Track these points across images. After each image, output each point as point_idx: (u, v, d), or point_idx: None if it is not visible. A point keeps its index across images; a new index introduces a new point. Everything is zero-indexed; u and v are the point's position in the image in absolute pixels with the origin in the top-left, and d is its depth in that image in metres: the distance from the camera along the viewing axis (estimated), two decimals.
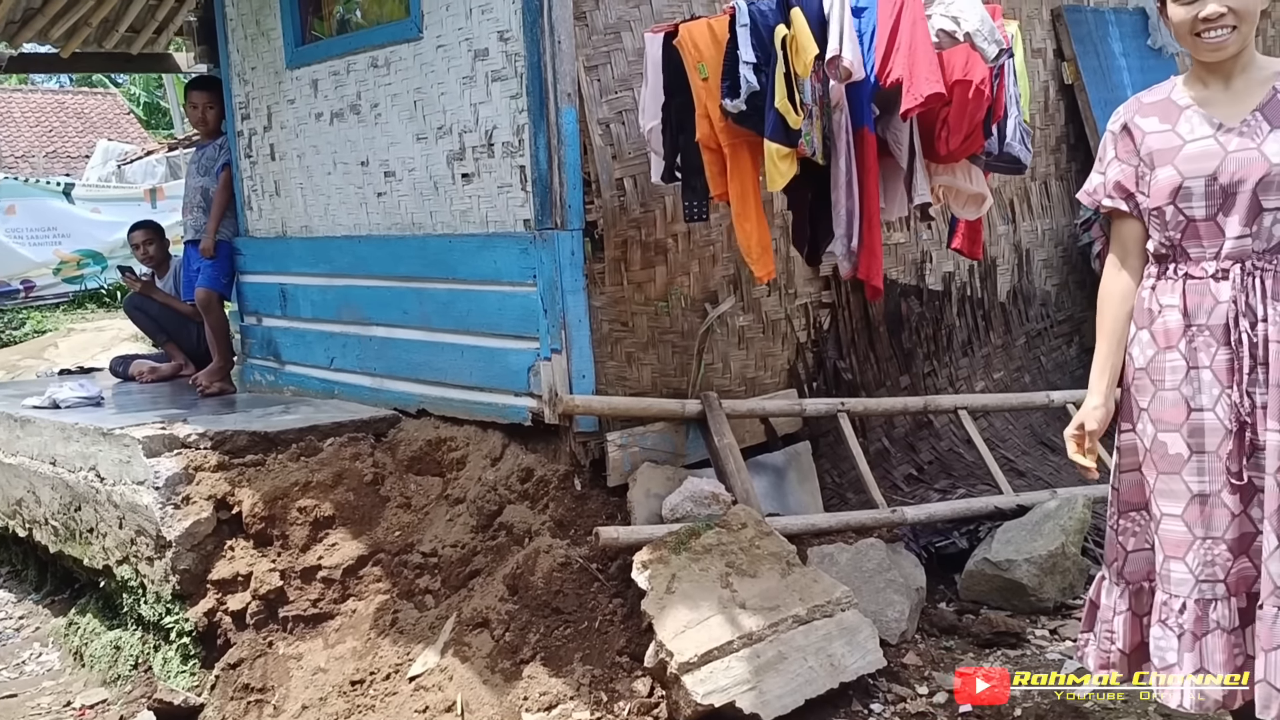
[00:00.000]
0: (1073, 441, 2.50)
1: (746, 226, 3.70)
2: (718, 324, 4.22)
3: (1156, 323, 2.38)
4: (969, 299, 5.21)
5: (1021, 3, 5.39)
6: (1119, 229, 2.48)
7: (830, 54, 3.49)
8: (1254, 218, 2.26)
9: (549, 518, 3.92)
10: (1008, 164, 3.94)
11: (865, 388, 4.76)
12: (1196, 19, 2.24)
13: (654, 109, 3.74)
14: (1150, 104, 2.41)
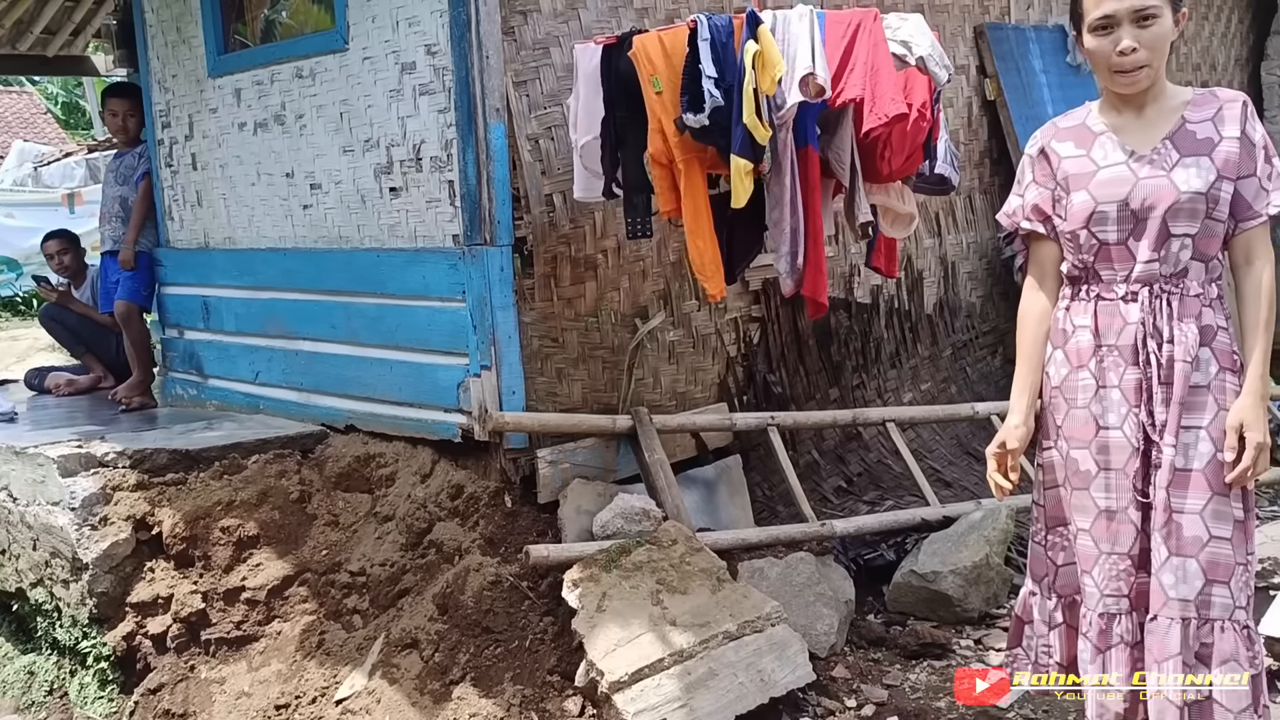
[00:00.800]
0: (994, 460, 2.55)
1: (699, 244, 3.67)
2: (648, 339, 4.22)
3: (1070, 342, 2.45)
4: (897, 312, 5.28)
5: (945, 20, 5.48)
6: (1036, 251, 2.54)
7: (804, 71, 3.52)
8: (1162, 243, 2.33)
9: (479, 535, 3.89)
10: (935, 185, 4.00)
11: (795, 401, 4.80)
12: (1112, 53, 2.30)
13: (589, 123, 3.71)
14: (1066, 129, 2.47)
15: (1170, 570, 2.32)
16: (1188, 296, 2.35)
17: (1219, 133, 2.32)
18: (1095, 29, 2.31)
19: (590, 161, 3.75)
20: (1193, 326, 2.34)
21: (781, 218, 3.69)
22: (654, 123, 3.57)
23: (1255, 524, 2.43)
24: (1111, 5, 2.28)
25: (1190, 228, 2.32)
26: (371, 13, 4.10)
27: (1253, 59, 7.63)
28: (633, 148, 3.72)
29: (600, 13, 4.09)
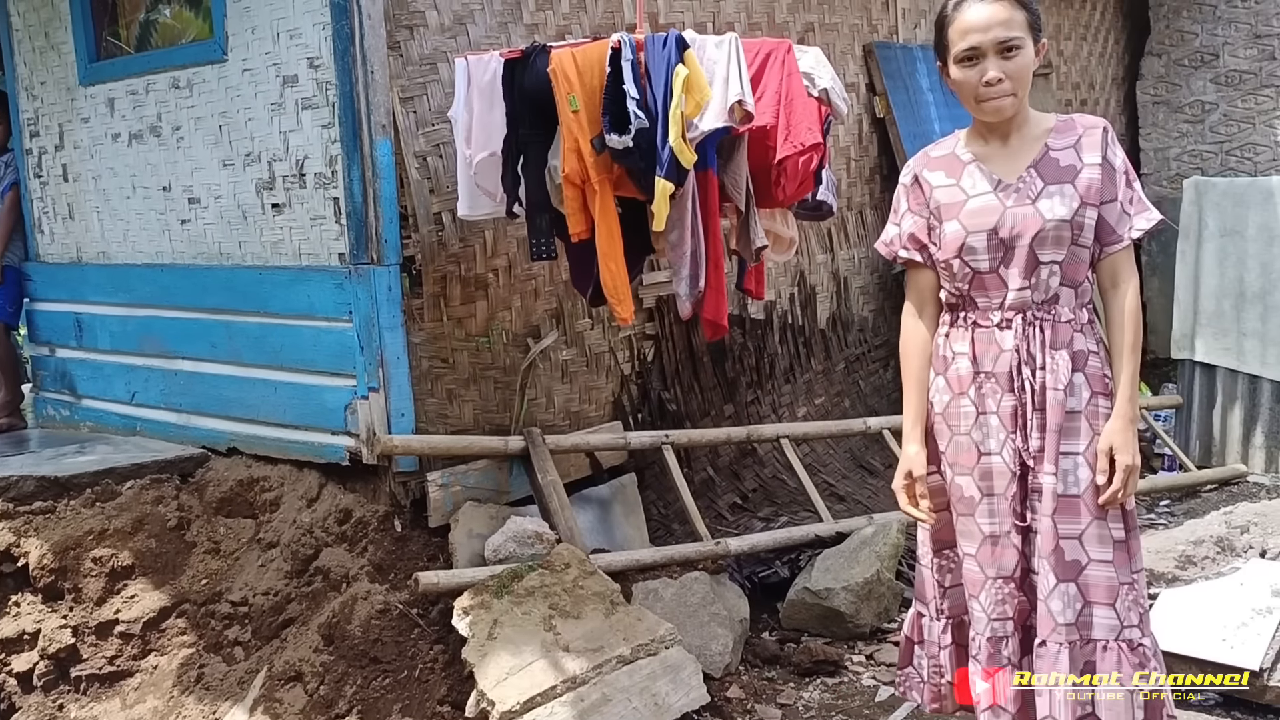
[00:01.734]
0: (903, 493, 2.56)
1: (612, 267, 3.60)
2: (540, 359, 4.17)
3: (950, 369, 2.48)
4: (790, 327, 5.32)
5: (835, 38, 5.55)
6: (914, 279, 2.57)
7: (734, 98, 3.51)
8: (1032, 271, 2.38)
9: (368, 561, 3.78)
10: (813, 210, 4.06)
11: (690, 418, 4.80)
12: (978, 84, 2.34)
13: (485, 138, 3.61)
14: (937, 158, 2.51)
15: (1058, 596, 2.36)
16: (1059, 323, 2.39)
17: (1081, 159, 2.38)
18: (961, 60, 2.35)
19: (486, 179, 3.66)
20: (1065, 354, 2.39)
21: (681, 240, 3.67)
22: (569, 141, 3.49)
23: (1139, 542, 2.48)
24: (976, 37, 2.32)
25: (1057, 255, 2.37)
26: (251, 23, 3.96)
27: (1128, 78, 7.90)
28: (535, 166, 3.63)
29: (489, 28, 4.02)
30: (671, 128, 3.42)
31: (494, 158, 3.62)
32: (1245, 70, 7.36)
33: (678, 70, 3.43)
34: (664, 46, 3.51)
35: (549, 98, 3.51)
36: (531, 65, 3.56)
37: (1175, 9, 7.60)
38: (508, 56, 3.60)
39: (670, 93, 3.42)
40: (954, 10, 2.38)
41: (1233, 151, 7.44)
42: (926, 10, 6.24)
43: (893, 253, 2.57)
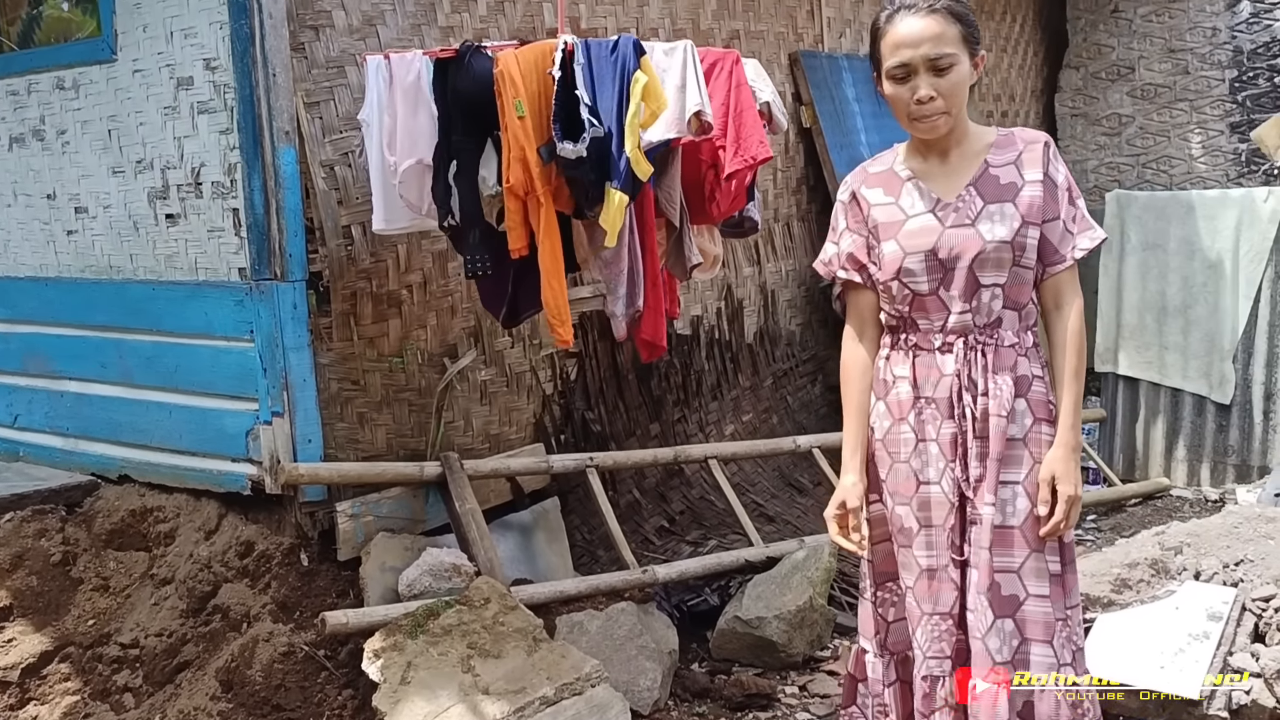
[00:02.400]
0: (834, 523, 2.42)
1: (555, 285, 3.39)
2: (458, 379, 3.95)
3: (891, 394, 2.37)
4: (717, 342, 5.18)
5: (761, 46, 5.43)
6: (854, 300, 2.44)
7: (693, 108, 3.35)
8: (973, 293, 2.27)
9: (271, 599, 3.53)
10: (736, 227, 3.94)
11: (615, 438, 4.62)
12: (910, 101, 2.22)
13: (410, 145, 3.35)
14: (875, 174, 2.39)
15: (995, 634, 2.26)
16: (1002, 347, 2.29)
17: (1022, 176, 2.27)
18: (892, 76, 2.24)
19: (410, 190, 3.39)
20: (1008, 379, 2.28)
21: (618, 257, 3.50)
22: (514, 150, 3.26)
23: (1075, 576, 2.38)
24: (907, 53, 2.21)
25: (999, 277, 2.26)
26: (142, 21, 3.68)
27: (1047, 91, 7.95)
28: (469, 175, 3.41)
29: (401, 30, 3.80)
30: (628, 137, 3.26)
31: (421, 166, 3.38)
32: (1160, 84, 7.45)
33: (636, 77, 3.27)
34: (613, 52, 3.35)
35: (485, 101, 3.30)
36: (466, 66, 3.34)
37: (1092, 23, 7.67)
38: (440, 56, 3.38)
39: (626, 100, 3.26)
40: (885, 23, 2.27)
41: (1149, 164, 7.53)
42: (851, 20, 6.17)
43: (831, 273, 2.45)
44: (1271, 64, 6.99)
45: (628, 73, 3.30)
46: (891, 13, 2.26)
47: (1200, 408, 5.59)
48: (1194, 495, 5.46)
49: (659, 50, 3.46)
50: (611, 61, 3.36)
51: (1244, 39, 7.07)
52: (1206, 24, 7.21)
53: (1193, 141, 7.37)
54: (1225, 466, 5.55)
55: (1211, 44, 7.20)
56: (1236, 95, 7.13)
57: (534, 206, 3.34)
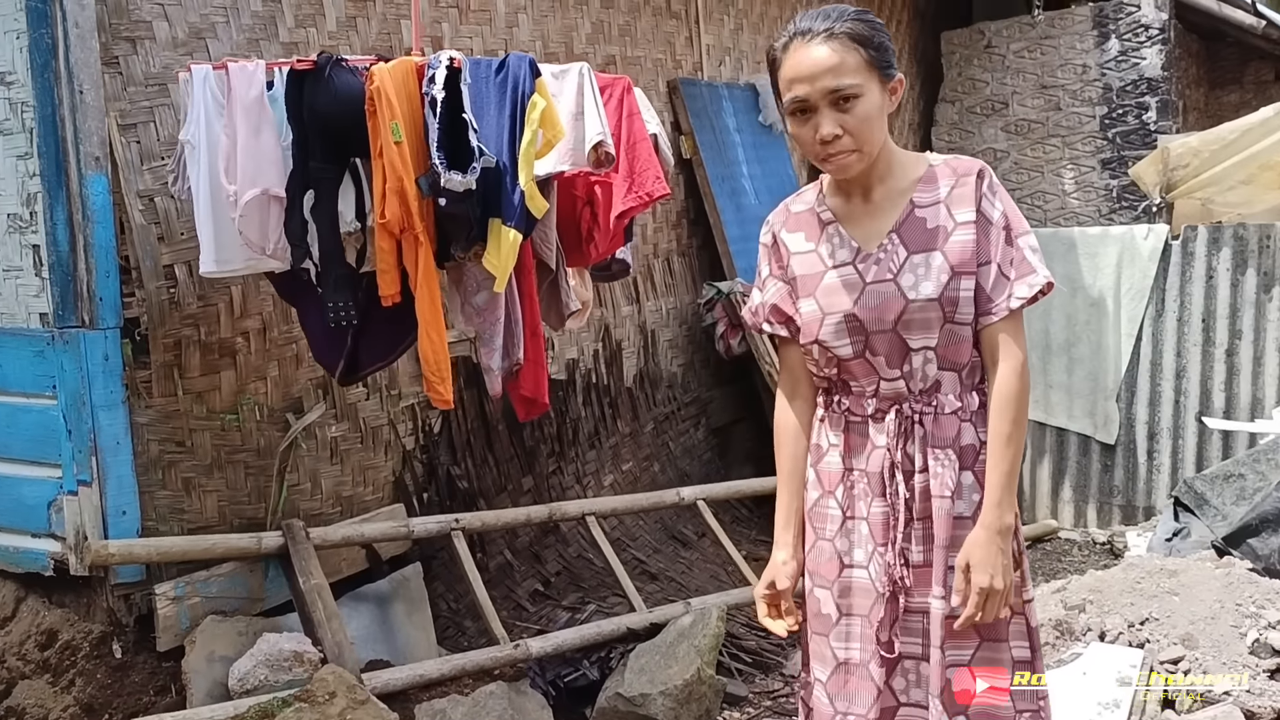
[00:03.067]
0: (764, 603, 2.09)
1: (434, 337, 2.98)
2: (304, 437, 3.52)
3: (822, 462, 2.06)
4: (595, 387, 4.84)
5: (638, 73, 5.15)
6: (785, 355, 2.13)
7: (594, 138, 3.02)
8: (902, 358, 1.96)
9: (75, 699, 3.04)
10: (605, 269, 3.63)
11: (485, 494, 4.23)
12: (813, 140, 1.91)
13: (255, 171, 2.89)
14: (797, 215, 2.07)
15: None
16: (943, 415, 1.97)
17: (952, 217, 1.94)
18: (792, 113, 1.92)
19: (251, 226, 2.90)
20: (950, 454, 1.96)
21: (493, 305, 3.13)
22: (390, 180, 2.83)
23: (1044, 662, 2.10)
24: (803, 89, 1.88)
25: (928, 339, 1.94)
26: None
27: (924, 124, 7.92)
28: (328, 208, 2.98)
29: (235, 44, 3.37)
30: (522, 169, 2.91)
31: (267, 197, 2.92)
32: (1034, 120, 7.48)
33: (533, 101, 2.93)
34: (499, 72, 2.99)
35: (349, 123, 2.90)
36: (326, 81, 2.91)
37: (966, 58, 7.67)
38: (296, 68, 2.94)
39: (518, 126, 2.91)
40: (781, 51, 1.93)
41: (1024, 199, 7.53)
42: (731, 47, 5.95)
43: (758, 324, 2.13)
44: (1140, 101, 7.08)
45: (522, 95, 2.95)
46: (786, 41, 1.93)
47: (1085, 447, 5.51)
48: (1082, 538, 5.36)
49: (548, 73, 3.12)
50: (498, 83, 3.02)
51: (1113, 76, 7.15)
52: (1077, 61, 7.27)
53: (1066, 177, 7.41)
54: (1111, 507, 5.47)
55: (1082, 81, 7.27)
56: (1107, 132, 7.20)
57: (410, 246, 2.94)
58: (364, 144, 2.92)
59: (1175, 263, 5.20)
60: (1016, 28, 7.49)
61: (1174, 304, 5.22)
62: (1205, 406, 5.16)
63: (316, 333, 3.09)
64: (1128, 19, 7.08)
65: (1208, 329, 5.14)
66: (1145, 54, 7.03)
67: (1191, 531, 4.43)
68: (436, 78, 2.90)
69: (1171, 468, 5.28)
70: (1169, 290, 5.22)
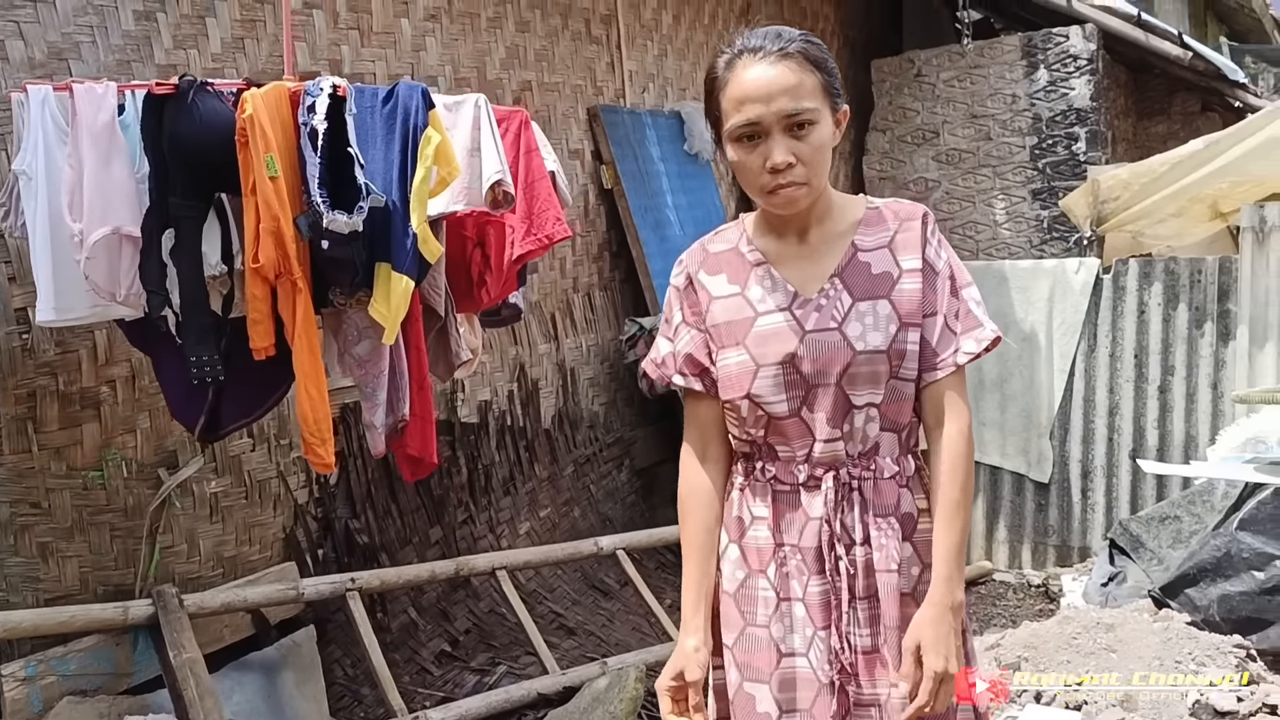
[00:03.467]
0: (667, 698, 1.79)
1: (314, 393, 2.69)
2: (178, 494, 3.22)
3: (748, 536, 1.80)
4: (510, 429, 4.58)
5: (556, 100, 4.94)
6: (696, 411, 1.86)
7: (492, 176, 2.81)
8: (844, 415, 1.73)
9: None
10: (492, 315, 3.40)
11: (387, 549, 3.94)
12: (760, 170, 1.68)
13: (104, 207, 2.56)
14: (717, 255, 1.82)
15: None
16: (882, 480, 1.76)
17: (898, 264, 1.75)
18: (738, 138, 1.69)
19: (99, 269, 2.56)
20: (893, 522, 1.75)
21: (376, 356, 2.86)
22: (265, 220, 2.54)
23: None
24: (756, 109, 1.66)
25: (874, 395, 1.73)
26: None
27: (855, 152, 7.81)
28: (190, 251, 2.65)
29: (104, 66, 3.09)
30: (414, 209, 2.66)
31: (118, 237, 2.59)
32: (964, 149, 7.40)
33: (427, 135, 2.68)
34: (387, 102, 2.74)
35: (215, 154, 2.60)
36: (190, 107, 2.60)
37: (897, 86, 7.58)
38: (156, 91, 2.62)
39: (410, 163, 2.67)
40: (725, 69, 1.70)
41: (956, 229, 7.44)
42: (655, 74, 5.76)
43: (665, 377, 1.87)
44: (1069, 132, 7.03)
45: (414, 129, 2.70)
46: (732, 57, 1.70)
47: (1019, 486, 5.36)
48: (1017, 579, 5.20)
49: (441, 104, 2.88)
50: (385, 114, 2.76)
51: (1043, 106, 7.09)
52: (1006, 91, 7.21)
53: (997, 207, 7.33)
54: (1046, 548, 5.32)
55: (1012, 111, 7.20)
56: (1037, 162, 7.13)
57: (287, 293, 2.64)
58: (232, 178, 2.63)
59: (1107, 297, 5.09)
60: (946, 56, 7.42)
61: (1106, 339, 5.10)
62: (1139, 444, 5.05)
63: (173, 386, 2.78)
64: (1056, 49, 7.03)
65: (1140, 365, 5.03)
66: (1074, 84, 6.99)
67: (1127, 576, 4.29)
68: (317, 107, 2.64)
69: (1106, 507, 5.14)
70: (1101, 325, 5.11)
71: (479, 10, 4.50)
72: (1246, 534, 3.52)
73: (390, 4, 4.09)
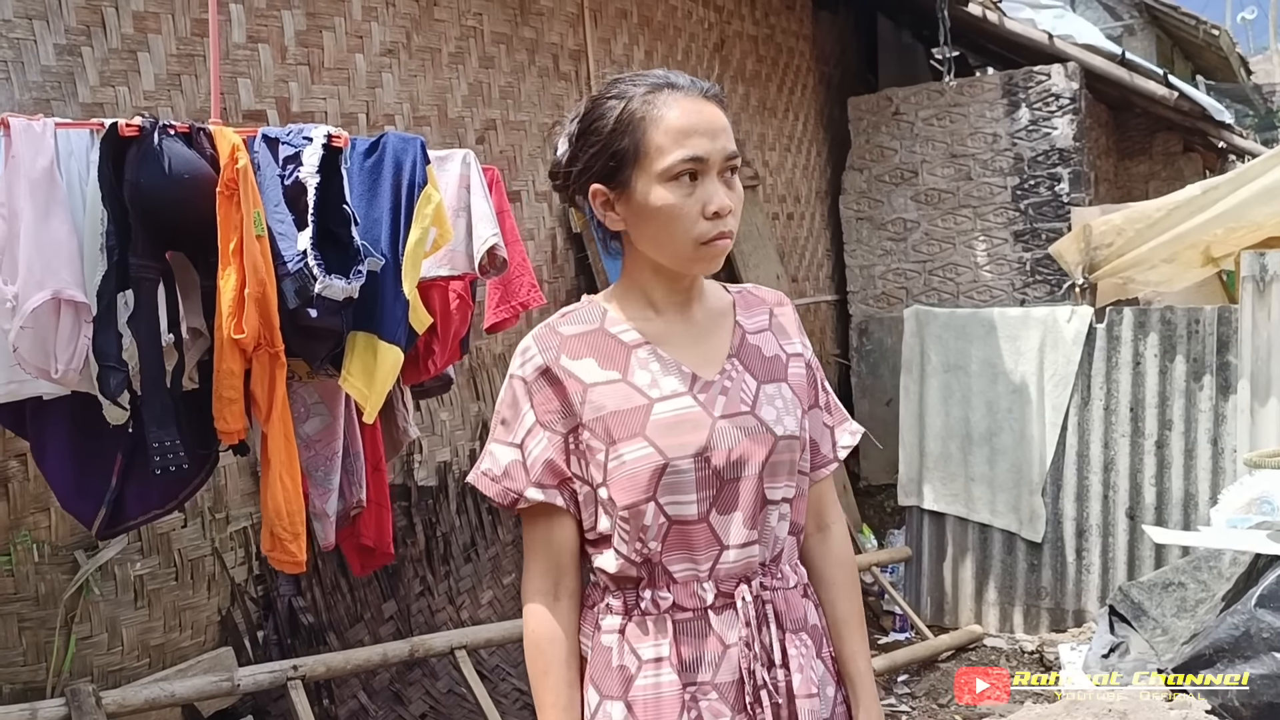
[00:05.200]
0: None
1: (289, 483, 2.41)
2: (98, 578, 2.89)
3: (637, 687, 1.46)
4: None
5: (522, 139, 4.67)
6: (549, 536, 1.50)
7: (489, 241, 2.64)
8: (758, 514, 1.48)
9: None
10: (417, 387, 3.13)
11: (335, 627, 3.62)
12: (697, 216, 1.42)
13: (43, 269, 2.20)
14: (577, 338, 1.51)
15: None
16: (788, 591, 1.53)
17: (782, 349, 1.59)
18: (677, 175, 1.42)
19: (32, 342, 2.20)
20: (807, 639, 1.53)
21: (330, 435, 2.58)
22: (252, 285, 2.27)
23: None
24: (703, 144, 1.42)
25: (789, 489, 1.52)
26: None
27: (832, 192, 7.61)
28: (149, 319, 2.33)
29: (19, 104, 2.79)
30: (408, 273, 2.42)
31: (57, 303, 2.23)
32: (944, 189, 7.21)
33: (426, 194, 2.46)
34: (370, 154, 2.48)
35: (180, 209, 2.31)
36: (154, 153, 2.28)
37: (874, 124, 7.39)
38: (124, 132, 2.28)
39: (405, 223, 2.44)
40: (645, 104, 1.44)
41: (935, 271, 7.24)
42: None
43: (510, 493, 1.50)
44: (1051, 172, 6.85)
45: (412, 186, 2.48)
46: (658, 85, 1.46)
47: (1010, 545, 5.11)
48: (1009, 645, 4.94)
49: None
50: (368, 167, 2.50)
51: (1024, 146, 6.92)
52: (987, 130, 7.03)
53: (978, 249, 7.14)
54: (1039, 610, 5.06)
55: (993, 150, 7.03)
56: (1019, 203, 6.95)
57: (264, 366, 2.36)
58: (191, 236, 2.35)
59: (1100, 347, 4.87)
60: (925, 94, 7.24)
61: (1100, 391, 4.88)
62: (1135, 502, 4.81)
63: (62, 472, 2.41)
64: (1038, 88, 6.87)
65: (1136, 419, 4.80)
66: (1056, 124, 6.82)
67: (1130, 648, 4.02)
68: (305, 158, 2.36)
69: (1102, 568, 4.90)
70: (1094, 376, 4.89)
71: (439, 46, 4.24)
72: (1266, 612, 3.27)
73: (344, 39, 3.82)
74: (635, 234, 1.48)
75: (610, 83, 1.50)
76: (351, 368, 2.39)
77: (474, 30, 4.44)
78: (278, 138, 2.37)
